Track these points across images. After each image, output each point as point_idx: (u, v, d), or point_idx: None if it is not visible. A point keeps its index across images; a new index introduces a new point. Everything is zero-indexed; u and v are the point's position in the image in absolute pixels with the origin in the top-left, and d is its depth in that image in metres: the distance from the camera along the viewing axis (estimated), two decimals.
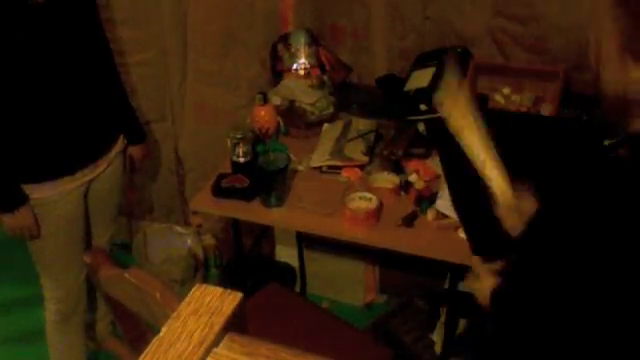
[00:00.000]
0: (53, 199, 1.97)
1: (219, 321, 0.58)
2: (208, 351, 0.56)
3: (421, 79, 2.17)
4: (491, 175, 1.19)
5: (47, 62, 1.82)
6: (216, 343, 0.57)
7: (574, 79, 2.15)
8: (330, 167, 2.19)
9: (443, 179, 1.91)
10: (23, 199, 1.91)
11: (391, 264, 2.68)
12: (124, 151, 2.20)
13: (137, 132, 2.27)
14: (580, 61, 2.07)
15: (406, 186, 2.08)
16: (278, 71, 2.43)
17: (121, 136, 2.17)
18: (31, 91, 1.83)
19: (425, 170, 2.11)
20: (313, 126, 2.37)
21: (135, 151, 2.27)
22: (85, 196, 2.09)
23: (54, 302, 2.19)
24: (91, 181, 2.07)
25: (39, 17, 1.78)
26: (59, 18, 1.83)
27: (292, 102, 2.34)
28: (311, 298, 2.68)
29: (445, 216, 1.94)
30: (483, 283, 1.22)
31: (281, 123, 2.35)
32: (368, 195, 2.02)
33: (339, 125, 2.35)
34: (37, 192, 1.93)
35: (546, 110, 2.09)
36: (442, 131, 1.24)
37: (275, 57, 2.44)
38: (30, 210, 1.93)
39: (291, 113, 2.35)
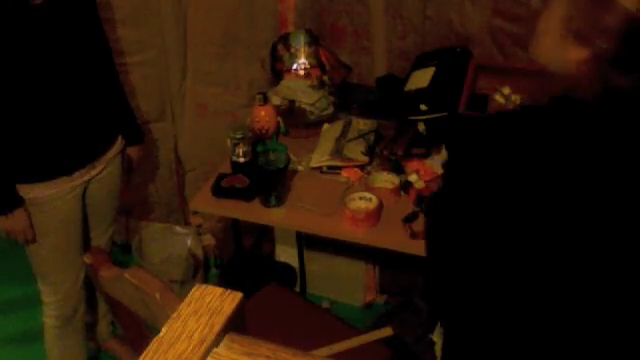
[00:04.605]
0: (50, 199, 1.94)
1: (219, 321, 0.58)
2: (208, 351, 0.56)
3: (421, 79, 2.18)
4: None
5: (46, 62, 1.82)
6: (216, 343, 0.57)
7: None
8: (330, 167, 2.19)
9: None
10: (18, 201, 1.89)
11: (391, 264, 2.68)
12: (122, 152, 2.18)
13: (135, 133, 2.26)
14: None
15: (406, 186, 2.08)
16: (278, 71, 2.43)
17: (119, 137, 2.15)
18: (29, 90, 1.82)
19: (425, 170, 2.11)
20: (313, 126, 2.37)
21: (133, 152, 2.25)
22: (83, 197, 2.07)
23: (53, 307, 2.15)
24: (89, 182, 2.05)
25: (38, 17, 1.77)
26: (58, 18, 1.83)
27: (292, 102, 2.34)
28: (311, 298, 2.68)
29: None
30: None
31: (281, 123, 2.35)
32: (368, 195, 2.02)
33: (339, 125, 2.35)
34: (33, 192, 1.91)
35: None
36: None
37: (275, 57, 2.44)
38: (25, 213, 1.91)
39: (291, 113, 2.35)
